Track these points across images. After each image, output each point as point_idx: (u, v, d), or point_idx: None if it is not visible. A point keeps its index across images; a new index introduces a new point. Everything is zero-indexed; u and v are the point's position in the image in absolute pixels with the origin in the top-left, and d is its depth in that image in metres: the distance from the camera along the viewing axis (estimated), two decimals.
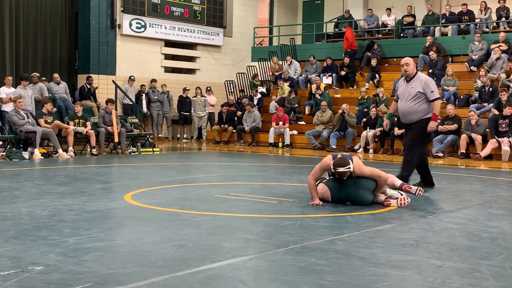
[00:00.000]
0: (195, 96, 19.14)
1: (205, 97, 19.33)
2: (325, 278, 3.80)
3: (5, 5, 16.25)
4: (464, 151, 13.84)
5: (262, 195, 7.42)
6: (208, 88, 19.55)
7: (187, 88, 18.93)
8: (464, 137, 13.89)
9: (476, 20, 18.79)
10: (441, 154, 14.03)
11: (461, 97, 16.06)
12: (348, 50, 19.03)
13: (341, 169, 6.55)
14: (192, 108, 19.03)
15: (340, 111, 15.86)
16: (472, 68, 17.07)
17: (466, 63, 17.35)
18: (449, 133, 14.18)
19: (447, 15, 19.11)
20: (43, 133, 12.47)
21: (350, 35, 19.01)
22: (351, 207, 6.54)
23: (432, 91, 7.84)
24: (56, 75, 16.08)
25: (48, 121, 13.00)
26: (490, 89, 15.28)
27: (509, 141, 13.36)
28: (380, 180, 6.73)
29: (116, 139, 13.83)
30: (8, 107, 13.48)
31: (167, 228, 5.27)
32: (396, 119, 15.02)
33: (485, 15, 18.65)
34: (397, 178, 7.12)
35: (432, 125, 7.86)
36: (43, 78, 15.41)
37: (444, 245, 4.82)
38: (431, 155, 14.08)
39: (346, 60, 18.73)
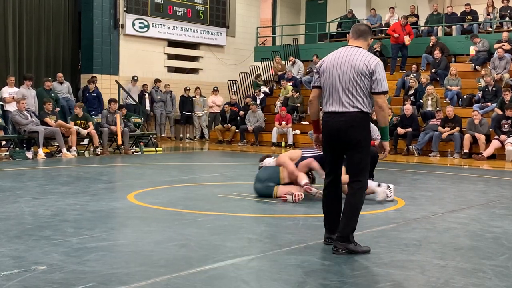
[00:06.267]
0: (194, 96, 19.14)
1: (204, 97, 19.33)
2: (327, 278, 3.80)
3: (9, 5, 16.26)
4: (468, 151, 13.81)
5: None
6: (215, 88, 19.53)
7: (187, 87, 18.93)
8: (467, 137, 13.86)
9: (481, 19, 18.76)
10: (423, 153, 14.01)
11: (464, 96, 16.04)
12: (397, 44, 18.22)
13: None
14: (193, 108, 19.05)
15: None
16: (477, 67, 17.04)
17: (471, 62, 17.30)
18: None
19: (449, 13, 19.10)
20: (49, 132, 12.49)
21: (398, 27, 18.15)
22: None
23: None
24: (60, 75, 16.09)
25: (52, 121, 13.01)
26: (494, 88, 15.25)
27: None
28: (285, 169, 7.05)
29: (120, 141, 13.83)
30: (11, 107, 13.49)
31: (169, 228, 5.28)
32: (399, 119, 15.07)
33: (491, 14, 18.61)
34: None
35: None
36: (49, 78, 15.43)
37: (447, 245, 4.82)
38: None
39: None
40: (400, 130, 14.64)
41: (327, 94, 4.50)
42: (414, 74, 17.10)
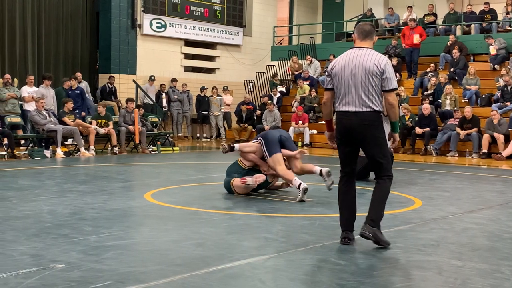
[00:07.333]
0: (211, 96, 19.18)
1: (221, 96, 19.36)
2: (344, 278, 3.79)
3: (28, 5, 16.44)
4: (486, 151, 13.70)
5: (280, 194, 7.41)
6: (225, 88, 19.58)
7: (204, 87, 18.98)
8: (486, 136, 13.74)
9: (499, 18, 18.58)
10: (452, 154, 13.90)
11: (483, 96, 15.90)
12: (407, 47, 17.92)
13: None
14: (210, 107, 19.10)
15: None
16: (496, 66, 16.89)
17: (489, 62, 17.17)
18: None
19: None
20: (68, 131, 12.59)
21: (407, 32, 17.88)
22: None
23: None
24: (78, 74, 16.21)
25: (70, 120, 13.10)
26: None
27: None
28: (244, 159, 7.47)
29: (138, 140, 13.89)
30: (30, 106, 13.62)
31: (186, 227, 5.29)
32: (417, 118, 14.98)
33: (510, 13, 18.43)
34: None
35: None
36: (69, 78, 15.55)
37: (465, 246, 4.78)
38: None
39: None
40: (418, 130, 14.55)
41: (340, 95, 4.69)
42: (433, 74, 16.98)
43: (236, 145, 7.59)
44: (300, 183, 6.82)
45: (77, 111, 14.57)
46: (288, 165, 7.29)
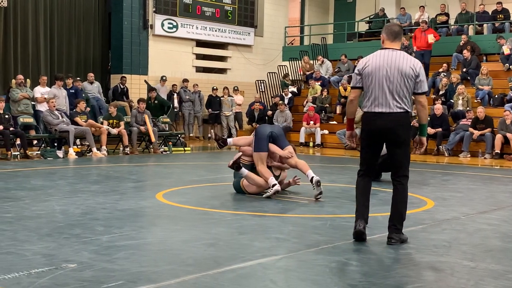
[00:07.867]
0: (223, 96, 19.19)
1: (232, 97, 19.36)
2: (356, 279, 3.78)
3: (40, 6, 16.53)
4: (499, 151, 13.61)
5: (292, 194, 7.41)
6: (235, 88, 19.58)
7: (215, 87, 18.99)
8: (499, 137, 13.66)
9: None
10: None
11: (496, 96, 15.80)
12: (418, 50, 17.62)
13: None
14: (221, 108, 19.11)
15: None
16: (510, 66, 16.78)
17: (500, 61, 17.06)
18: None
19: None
20: (80, 131, 12.65)
21: (418, 34, 17.70)
22: (382, 207, 6.49)
23: None
24: (90, 75, 16.29)
25: (82, 120, 13.16)
26: None
27: None
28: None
29: (153, 139, 13.93)
30: (43, 107, 13.69)
31: (197, 227, 5.30)
32: (429, 118, 14.91)
33: None
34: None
35: None
36: (78, 78, 15.63)
37: (478, 247, 4.75)
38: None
39: None
40: (430, 130, 14.48)
41: (372, 95, 4.77)
42: (445, 74, 16.89)
43: (229, 140, 7.71)
44: (275, 184, 6.95)
45: (74, 110, 14.33)
46: (281, 159, 7.39)
